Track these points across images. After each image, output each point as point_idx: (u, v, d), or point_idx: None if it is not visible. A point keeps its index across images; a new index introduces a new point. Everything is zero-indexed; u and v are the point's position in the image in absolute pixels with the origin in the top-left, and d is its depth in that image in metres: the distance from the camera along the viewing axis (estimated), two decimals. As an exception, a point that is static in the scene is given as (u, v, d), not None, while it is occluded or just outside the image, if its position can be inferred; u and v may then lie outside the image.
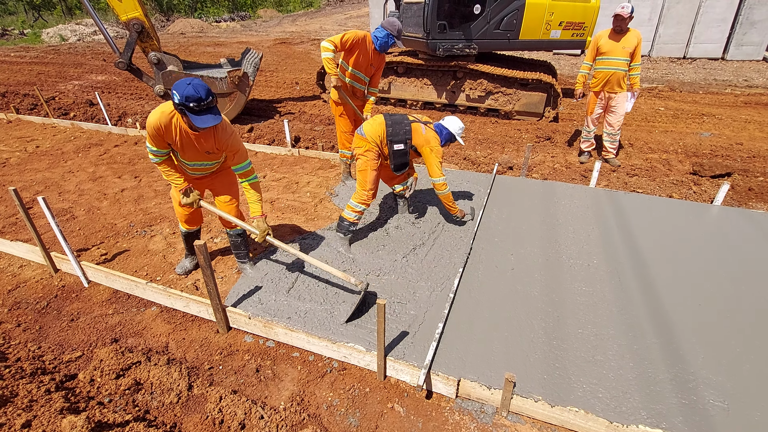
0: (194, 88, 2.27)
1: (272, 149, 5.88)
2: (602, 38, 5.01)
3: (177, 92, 2.27)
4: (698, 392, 2.24)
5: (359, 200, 3.41)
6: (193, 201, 2.81)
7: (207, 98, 2.30)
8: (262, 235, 2.83)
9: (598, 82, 5.17)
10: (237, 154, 2.70)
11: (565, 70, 11.85)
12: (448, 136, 3.55)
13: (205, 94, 2.29)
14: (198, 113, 2.32)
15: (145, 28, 6.25)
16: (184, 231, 3.18)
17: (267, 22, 26.31)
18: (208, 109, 2.34)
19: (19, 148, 5.97)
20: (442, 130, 3.54)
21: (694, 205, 4.28)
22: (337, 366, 2.53)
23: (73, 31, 20.06)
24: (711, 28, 12.09)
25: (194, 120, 2.33)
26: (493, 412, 2.24)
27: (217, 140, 2.60)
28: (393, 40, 4.05)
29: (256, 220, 2.85)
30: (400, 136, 3.38)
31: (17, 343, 2.66)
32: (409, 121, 3.46)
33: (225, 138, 2.61)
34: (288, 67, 12.63)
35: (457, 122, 3.56)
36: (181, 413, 2.21)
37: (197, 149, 2.62)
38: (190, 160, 2.70)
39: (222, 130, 2.59)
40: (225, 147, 2.64)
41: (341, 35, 3.89)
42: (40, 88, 9.55)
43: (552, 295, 2.97)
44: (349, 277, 2.74)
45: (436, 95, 7.96)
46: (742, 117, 7.70)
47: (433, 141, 3.42)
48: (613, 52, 4.93)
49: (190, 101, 2.27)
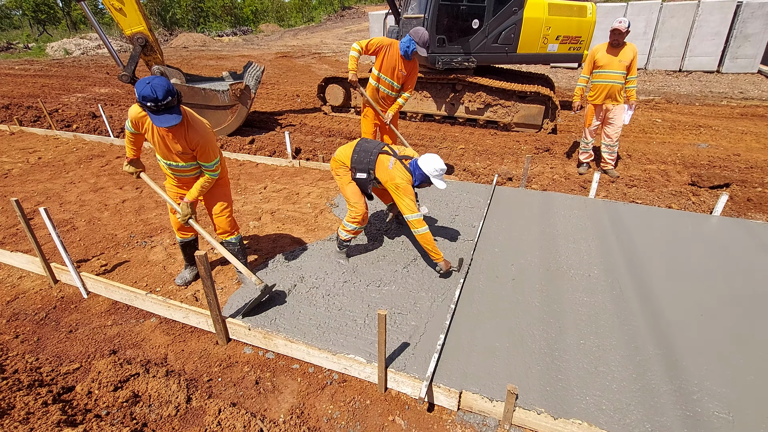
0: (152, 88, 2.26)
1: (273, 160, 5.91)
2: (599, 52, 5.09)
3: (136, 91, 2.29)
4: (702, 404, 2.22)
5: (349, 218, 3.36)
6: (133, 171, 2.92)
7: (164, 99, 2.28)
8: (184, 217, 2.85)
9: (596, 95, 5.23)
10: (206, 154, 2.69)
11: (562, 82, 12.00)
12: (422, 178, 3.09)
13: (163, 94, 2.27)
14: (156, 113, 2.33)
15: (149, 42, 6.35)
16: (180, 240, 3.19)
17: (268, 37, 26.70)
18: (166, 109, 2.34)
19: (21, 159, 6.00)
20: (414, 169, 3.12)
21: (693, 216, 4.29)
22: (338, 378, 2.51)
23: (77, 44, 20.35)
24: (705, 42, 12.29)
25: (152, 119, 2.36)
26: (496, 425, 2.21)
27: (188, 139, 2.60)
28: (414, 47, 4.22)
29: (182, 202, 2.87)
30: (363, 164, 3.18)
31: (15, 354, 2.63)
32: (378, 150, 3.19)
33: (195, 137, 2.60)
34: (289, 80, 12.78)
35: (433, 162, 3.03)
36: (180, 426, 2.18)
37: (168, 148, 2.64)
38: (163, 158, 2.73)
39: (193, 130, 2.59)
40: (194, 146, 2.64)
41: (368, 40, 4.32)
42: (44, 101, 9.64)
43: (553, 306, 2.96)
44: (251, 274, 2.87)
45: (436, 107, 8.04)
46: (738, 128, 7.77)
47: (399, 178, 3.04)
48: (610, 65, 5.00)
49: (146, 101, 2.27)
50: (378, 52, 4.32)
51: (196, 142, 2.61)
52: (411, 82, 4.57)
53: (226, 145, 6.67)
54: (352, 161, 3.23)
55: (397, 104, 4.63)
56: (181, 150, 2.64)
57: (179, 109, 2.43)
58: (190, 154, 2.70)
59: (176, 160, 2.72)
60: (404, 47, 4.24)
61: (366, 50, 4.29)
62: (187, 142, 2.61)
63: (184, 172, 2.85)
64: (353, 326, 2.76)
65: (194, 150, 2.67)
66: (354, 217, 3.32)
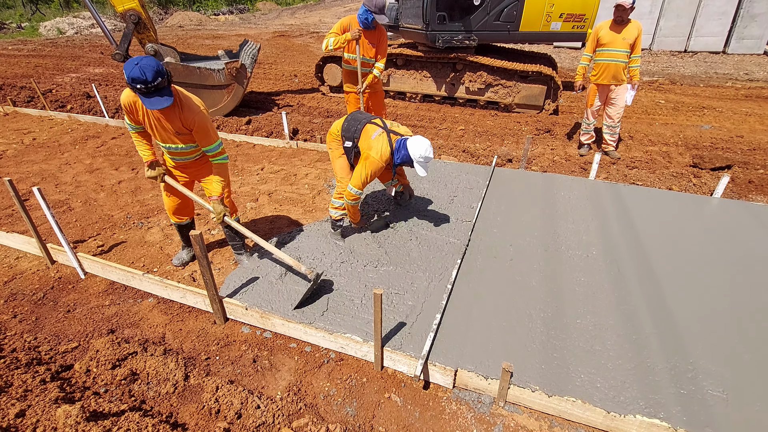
0: (141, 69, 2.19)
1: (270, 141, 5.84)
2: (602, 29, 4.96)
3: (125, 72, 2.22)
4: (697, 382, 2.24)
5: (336, 194, 3.35)
6: (157, 174, 2.82)
7: (154, 80, 2.22)
8: (219, 216, 2.80)
9: (599, 74, 5.12)
10: (205, 136, 2.64)
11: (565, 62, 11.77)
12: (405, 158, 3.03)
13: (152, 76, 2.21)
14: (146, 95, 2.27)
15: (142, 19, 6.19)
16: (174, 223, 3.17)
17: (266, 15, 26.10)
18: (156, 91, 2.28)
19: (15, 140, 5.93)
20: (400, 148, 3.04)
21: (693, 198, 4.26)
22: (334, 356, 2.52)
23: (70, 24, 19.89)
24: (712, 21, 11.99)
25: (143, 101, 2.29)
26: (491, 402, 2.23)
27: (183, 119, 2.54)
28: (372, 15, 4.17)
29: (212, 201, 2.82)
30: (350, 133, 3.19)
31: (13, 333, 2.64)
32: (366, 120, 3.18)
33: (191, 117, 2.55)
34: (287, 60, 12.54)
35: (421, 147, 2.94)
36: (178, 403, 2.20)
37: (165, 129, 2.58)
38: (163, 142, 2.68)
39: (187, 109, 2.53)
40: (191, 125, 2.58)
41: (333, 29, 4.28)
42: (37, 81, 9.48)
43: (551, 286, 2.96)
44: (300, 265, 2.78)
45: (436, 88, 7.90)
46: (742, 110, 7.66)
47: (374, 150, 3.00)
48: (613, 43, 4.88)
49: (136, 83, 2.21)
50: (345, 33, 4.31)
51: (192, 121, 2.56)
52: (381, 51, 4.53)
53: (222, 125, 6.57)
54: (342, 130, 3.25)
55: (372, 75, 4.58)
56: (178, 131, 2.59)
57: (170, 90, 2.36)
58: (188, 134, 2.64)
59: (176, 141, 2.66)
60: (362, 19, 4.22)
61: (341, 31, 4.29)
62: (182, 122, 2.55)
63: (185, 155, 2.79)
64: (350, 306, 2.77)
65: (192, 131, 2.62)
66: (340, 192, 3.32)
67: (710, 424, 2.02)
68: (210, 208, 2.84)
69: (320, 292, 2.90)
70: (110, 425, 1.89)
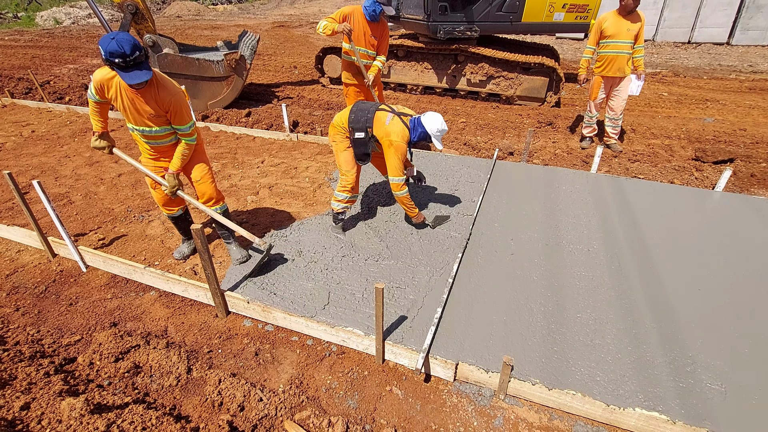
0: (118, 43, 2.17)
1: (270, 134, 5.81)
2: (607, 20, 4.89)
3: (101, 48, 2.19)
4: (696, 376, 2.25)
5: (340, 187, 3.34)
6: (105, 146, 2.79)
7: (132, 53, 2.20)
8: (171, 189, 2.77)
9: (604, 66, 5.05)
10: (178, 116, 2.60)
11: (567, 54, 11.66)
12: (422, 135, 3.10)
13: (130, 49, 2.19)
14: (125, 69, 2.24)
15: (140, 10, 6.12)
16: (168, 215, 3.14)
17: (265, 5, 25.81)
18: (136, 65, 2.25)
19: (14, 133, 5.90)
20: (416, 126, 3.11)
21: (695, 191, 4.25)
22: (336, 350, 2.54)
23: (67, 14, 19.67)
24: (716, 12, 11.86)
25: (122, 76, 2.25)
26: (491, 395, 2.25)
27: (159, 99, 2.50)
28: (380, 7, 4.03)
29: (167, 174, 2.79)
30: (361, 123, 3.14)
31: (16, 327, 2.66)
32: (375, 108, 3.17)
33: (167, 98, 2.51)
34: (286, 51, 12.43)
35: (437, 121, 3.05)
36: (181, 396, 2.22)
37: (139, 111, 2.53)
38: (135, 125, 2.61)
39: (163, 89, 2.50)
40: (167, 106, 2.54)
41: (333, 16, 4.10)
42: (35, 72, 9.40)
43: (551, 280, 2.97)
44: (253, 236, 2.89)
45: (437, 79, 7.84)
46: (746, 102, 7.60)
47: (395, 135, 3.04)
48: (618, 35, 4.81)
49: (114, 57, 2.18)
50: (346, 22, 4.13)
51: (168, 101, 2.52)
52: (384, 45, 4.43)
53: (222, 117, 6.54)
54: (350, 122, 3.20)
55: (375, 67, 4.46)
56: (153, 112, 2.54)
57: (149, 65, 2.35)
58: (163, 116, 2.59)
59: (149, 124, 2.61)
60: (370, 11, 4.07)
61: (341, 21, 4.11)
62: (158, 102, 2.51)
63: (158, 139, 2.73)
64: (352, 300, 2.78)
65: (167, 111, 2.57)
66: (344, 186, 3.31)
67: (708, 417, 2.04)
68: (161, 181, 2.80)
69: (272, 264, 3.12)
70: (114, 417, 1.91)
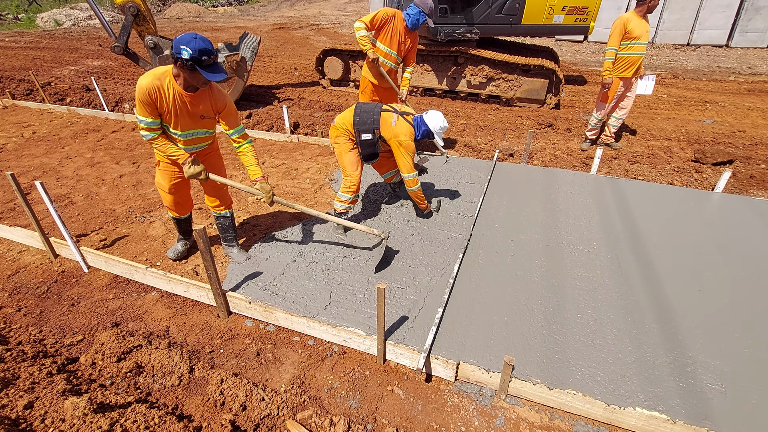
0: (203, 40, 2.23)
1: (271, 135, 5.83)
2: (632, 22, 4.78)
3: (188, 47, 2.20)
4: (696, 376, 2.26)
5: (344, 188, 3.38)
6: (201, 170, 2.61)
7: (214, 51, 2.29)
8: (269, 196, 2.76)
9: (626, 68, 4.95)
10: (233, 116, 2.66)
11: (567, 56, 11.70)
12: (426, 133, 3.30)
13: (211, 46, 2.28)
14: (209, 67, 2.28)
15: (141, 11, 6.13)
16: (174, 218, 3.14)
17: (265, 7, 25.86)
18: (215, 63, 2.32)
19: (15, 134, 5.91)
20: (420, 125, 3.28)
21: (695, 193, 4.26)
22: (338, 350, 2.55)
23: (68, 15, 19.70)
24: (716, 14, 11.91)
25: (206, 75, 2.27)
26: (492, 395, 2.26)
27: (213, 101, 2.54)
28: (424, 18, 4.04)
29: (258, 182, 2.78)
30: (367, 125, 3.22)
31: (18, 327, 2.67)
32: (380, 109, 3.26)
33: (221, 98, 2.57)
34: (286, 53, 12.45)
35: (439, 119, 3.26)
36: (183, 395, 2.23)
37: (191, 114, 2.52)
38: (184, 129, 2.56)
39: (217, 90, 2.58)
40: (221, 107, 2.58)
41: (372, 14, 4.05)
42: (36, 74, 9.41)
43: (552, 281, 2.98)
44: (371, 229, 2.97)
45: (437, 81, 7.86)
46: (745, 104, 7.63)
47: (403, 135, 3.18)
48: (643, 36, 4.78)
49: (203, 55, 2.22)
50: (384, 26, 4.11)
51: (223, 102, 2.59)
52: (413, 55, 4.42)
53: (223, 119, 6.54)
54: (355, 124, 3.24)
55: (407, 80, 4.48)
56: (206, 115, 2.57)
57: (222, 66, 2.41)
58: (213, 118, 2.64)
59: (200, 126, 2.61)
60: (413, 19, 4.05)
61: (372, 26, 4.06)
62: (212, 101, 2.55)
63: (202, 142, 2.75)
64: (353, 300, 2.79)
65: (220, 112, 2.62)
66: (349, 187, 3.35)
67: (709, 416, 2.05)
68: (257, 192, 2.77)
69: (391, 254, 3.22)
70: (117, 417, 1.92)
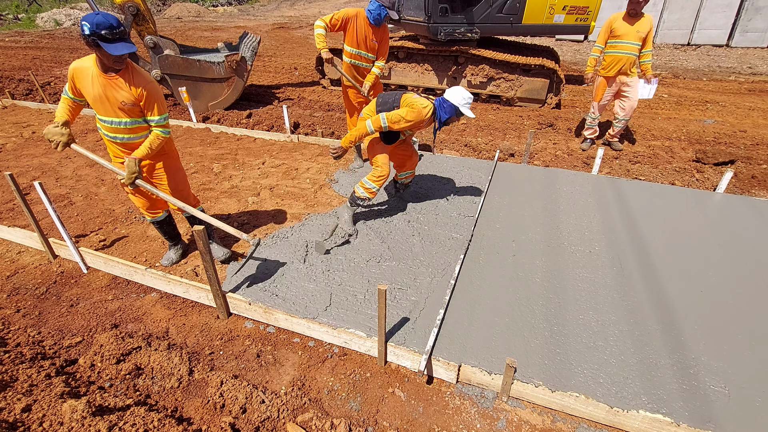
0: (104, 16, 2.26)
1: (271, 135, 5.81)
2: (616, 20, 4.86)
3: (87, 22, 2.22)
4: (699, 378, 2.25)
5: (374, 178, 3.36)
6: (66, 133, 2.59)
7: (118, 26, 2.28)
8: (131, 176, 2.56)
9: (609, 67, 5.03)
10: (151, 105, 2.55)
11: (567, 56, 11.69)
12: (451, 110, 3.14)
13: (116, 22, 2.28)
14: (111, 41, 2.27)
15: (141, 11, 6.12)
16: (151, 220, 3.04)
17: (265, 7, 25.84)
18: (121, 38, 2.30)
19: (14, 134, 5.89)
20: (442, 104, 3.16)
21: (696, 193, 4.25)
22: (338, 351, 2.53)
23: (67, 15, 19.68)
24: (716, 14, 11.89)
25: (108, 48, 2.25)
26: (494, 397, 2.24)
27: (134, 85, 2.46)
28: (386, 11, 3.96)
29: (128, 158, 2.59)
30: (388, 105, 3.25)
31: (17, 328, 2.65)
32: (401, 92, 3.30)
33: (142, 82, 2.49)
34: (286, 52, 12.44)
35: (460, 92, 3.10)
36: (182, 397, 2.21)
37: (110, 99, 2.47)
38: (105, 116, 2.53)
39: (138, 74, 2.51)
40: (141, 95, 2.49)
41: (332, 15, 4.00)
42: (35, 73, 9.39)
43: (553, 282, 2.96)
44: (240, 233, 2.66)
45: (438, 81, 7.85)
46: (745, 104, 7.62)
47: (419, 104, 3.11)
48: (627, 36, 4.80)
49: (101, 29, 2.23)
50: (345, 26, 4.03)
51: (143, 88, 2.49)
52: (384, 50, 4.34)
53: (223, 119, 6.54)
54: (378, 106, 3.31)
55: (373, 74, 4.35)
56: (125, 100, 2.48)
57: (131, 41, 2.39)
58: (137, 107, 2.53)
59: (120, 115, 2.53)
60: (374, 15, 3.97)
61: (331, 26, 3.97)
62: (132, 87, 2.47)
63: (128, 133, 2.60)
64: (353, 301, 2.77)
65: (140, 99, 2.52)
66: (379, 176, 3.36)
67: (712, 419, 2.03)
68: (117, 170, 2.65)
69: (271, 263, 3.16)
70: (116, 420, 1.90)
